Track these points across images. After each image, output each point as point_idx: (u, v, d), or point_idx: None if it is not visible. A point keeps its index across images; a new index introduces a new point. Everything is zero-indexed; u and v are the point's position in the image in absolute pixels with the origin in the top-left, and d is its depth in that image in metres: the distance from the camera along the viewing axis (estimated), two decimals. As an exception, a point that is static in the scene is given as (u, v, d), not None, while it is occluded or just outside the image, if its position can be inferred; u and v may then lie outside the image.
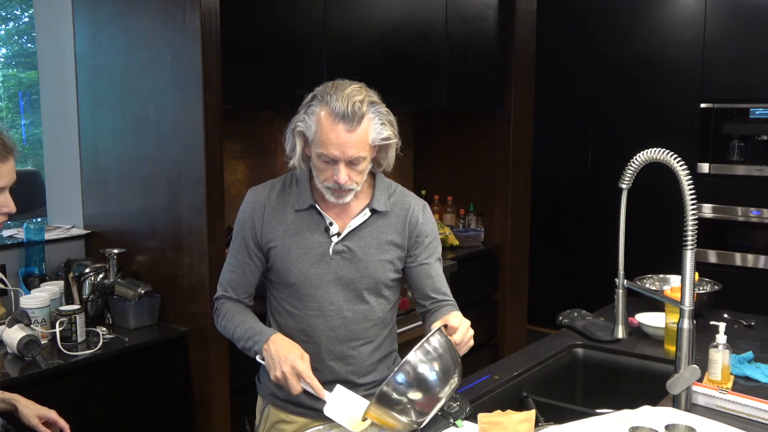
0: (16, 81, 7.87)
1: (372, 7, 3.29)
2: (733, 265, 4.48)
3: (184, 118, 2.59)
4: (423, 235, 1.86)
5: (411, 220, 1.85)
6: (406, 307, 3.26)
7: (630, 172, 1.84)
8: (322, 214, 1.79)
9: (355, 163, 1.69)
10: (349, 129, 1.66)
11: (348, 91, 1.68)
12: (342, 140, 1.66)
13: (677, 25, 4.63)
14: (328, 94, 1.68)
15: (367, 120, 1.69)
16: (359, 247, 1.79)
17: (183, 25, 2.54)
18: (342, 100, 1.66)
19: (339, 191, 1.72)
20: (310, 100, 1.72)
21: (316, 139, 1.68)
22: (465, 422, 1.69)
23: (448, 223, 4.11)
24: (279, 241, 1.79)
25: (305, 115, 1.71)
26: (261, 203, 1.82)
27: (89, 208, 3.01)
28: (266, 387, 1.90)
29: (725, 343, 1.94)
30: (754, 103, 4.33)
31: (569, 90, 5.11)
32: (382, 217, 1.83)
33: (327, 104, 1.67)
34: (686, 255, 1.75)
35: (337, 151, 1.66)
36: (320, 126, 1.67)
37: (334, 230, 1.79)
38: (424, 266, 1.86)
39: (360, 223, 1.80)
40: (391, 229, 1.83)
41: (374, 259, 1.80)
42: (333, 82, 1.73)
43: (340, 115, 1.65)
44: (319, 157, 1.69)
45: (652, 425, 1.64)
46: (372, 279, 1.80)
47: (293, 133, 1.74)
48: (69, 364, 2.29)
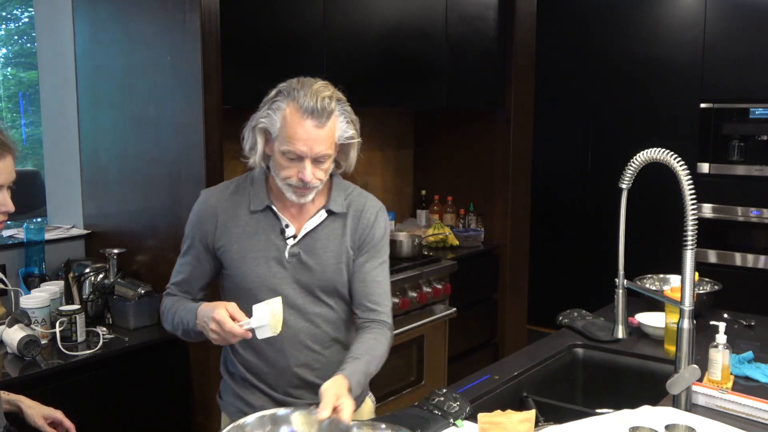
0: (16, 81, 7.86)
1: (372, 7, 3.29)
2: (733, 265, 4.48)
3: (184, 118, 2.59)
4: (371, 237, 1.79)
5: (363, 221, 1.79)
6: (406, 307, 3.26)
7: (630, 172, 1.84)
8: (278, 216, 1.74)
9: (320, 161, 1.66)
10: (318, 125, 1.63)
11: (316, 87, 1.64)
12: (310, 136, 1.62)
13: (677, 25, 4.63)
14: (295, 89, 1.64)
15: (334, 117, 1.66)
16: (315, 249, 1.74)
17: (183, 25, 2.54)
18: (311, 96, 1.62)
19: (303, 189, 1.67)
20: (274, 95, 1.67)
21: (282, 135, 1.64)
22: (465, 422, 1.69)
23: (448, 223, 4.11)
24: (234, 245, 1.74)
25: (269, 111, 1.66)
26: (213, 205, 1.77)
27: (89, 208, 3.01)
28: (232, 405, 1.84)
29: (725, 343, 1.94)
30: (754, 103, 4.33)
31: (569, 90, 5.11)
32: (338, 219, 1.78)
33: (294, 100, 1.62)
34: (686, 255, 1.75)
35: (304, 147, 1.62)
36: (286, 122, 1.63)
37: (290, 232, 1.74)
38: (364, 269, 1.78)
39: (316, 225, 1.75)
40: (346, 230, 1.78)
41: (330, 262, 1.75)
42: (297, 78, 1.68)
43: (309, 110, 1.61)
44: (284, 154, 1.64)
45: (652, 425, 1.64)
46: (329, 282, 1.75)
47: (254, 130, 1.69)
48: (69, 364, 2.29)
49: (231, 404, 1.84)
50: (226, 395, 1.87)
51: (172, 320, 1.78)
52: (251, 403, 1.79)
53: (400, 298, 3.24)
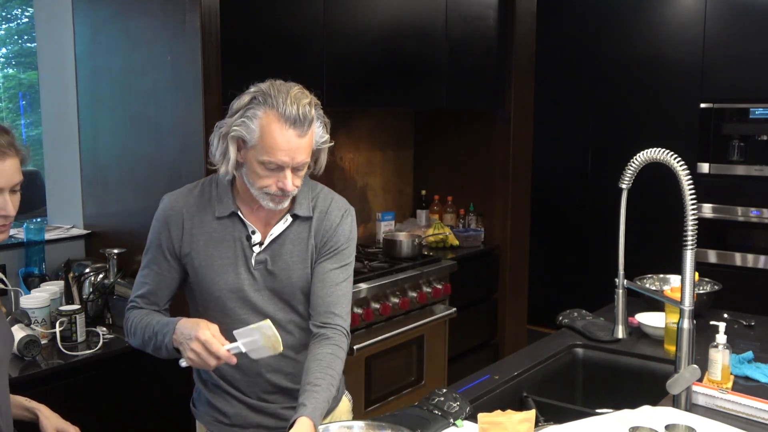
0: (16, 81, 7.86)
1: (372, 7, 3.29)
2: (733, 265, 4.48)
3: (184, 118, 2.59)
4: (335, 239, 1.72)
5: (327, 223, 1.72)
6: (406, 307, 3.26)
7: (630, 172, 1.84)
8: (245, 222, 1.69)
9: (299, 168, 1.60)
10: (300, 134, 1.56)
11: (294, 93, 1.58)
12: (292, 146, 1.56)
13: (677, 25, 4.63)
14: (272, 96, 1.56)
15: (314, 124, 1.61)
16: (281, 255, 1.69)
17: (183, 25, 2.54)
18: (291, 104, 1.55)
19: (281, 197, 1.62)
20: (248, 102, 1.58)
21: (261, 145, 1.55)
22: (465, 422, 1.69)
23: (448, 223, 4.11)
24: (201, 252, 1.68)
25: (244, 119, 1.57)
26: (179, 210, 1.69)
27: (89, 208, 3.01)
28: (207, 414, 1.81)
29: (725, 343, 1.94)
30: (754, 103, 4.33)
31: (569, 90, 5.11)
32: (304, 222, 1.72)
33: (273, 108, 1.55)
34: (686, 255, 1.75)
35: (286, 157, 1.56)
36: (266, 131, 1.55)
37: (256, 239, 1.69)
38: (323, 270, 1.70)
39: (282, 231, 1.70)
40: (312, 233, 1.72)
41: (296, 267, 1.70)
42: (269, 82, 1.61)
43: (291, 119, 1.55)
44: (263, 164, 1.57)
45: (652, 425, 1.64)
46: (296, 287, 1.71)
47: (226, 138, 1.59)
48: (69, 364, 2.29)
49: (206, 413, 1.82)
50: (201, 404, 1.84)
51: (142, 334, 1.69)
52: (225, 412, 1.77)
53: (400, 298, 3.24)
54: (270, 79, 1.63)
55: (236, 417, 1.77)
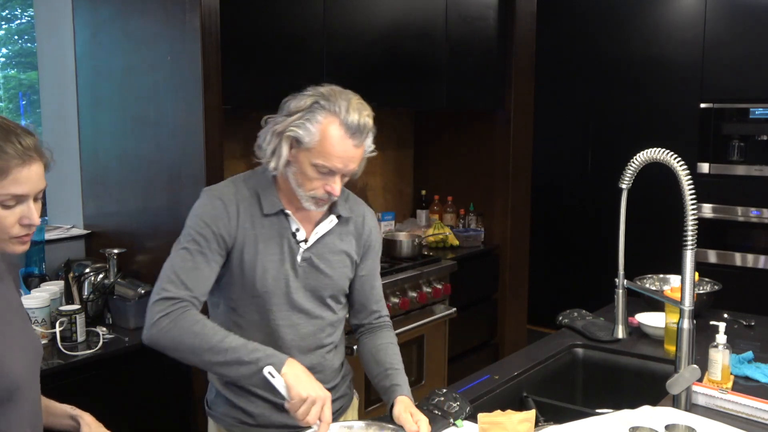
0: (16, 81, 7.85)
1: (372, 7, 3.29)
2: (733, 265, 4.48)
3: (184, 118, 2.59)
4: (373, 244, 1.83)
5: (365, 228, 1.81)
6: (406, 307, 3.26)
7: (630, 172, 1.84)
8: (290, 220, 1.71)
9: (347, 175, 1.66)
10: (357, 144, 1.62)
11: (356, 103, 1.62)
12: (349, 154, 1.61)
13: (677, 25, 4.63)
14: (335, 104, 1.59)
15: (370, 135, 1.65)
16: (324, 254, 1.74)
17: (183, 25, 2.54)
18: (353, 113, 1.59)
19: (325, 201, 1.67)
20: (310, 105, 1.60)
21: (318, 148, 1.59)
22: (465, 422, 1.69)
23: (448, 223, 4.11)
24: (252, 247, 1.67)
25: (304, 122, 1.59)
26: (233, 202, 1.68)
27: (89, 208, 3.01)
28: (228, 415, 1.79)
29: (725, 343, 1.94)
30: (754, 103, 4.33)
31: (569, 90, 5.11)
32: (345, 223, 1.78)
33: (336, 115, 1.59)
34: (686, 255, 1.75)
35: (341, 164, 1.61)
36: (326, 138, 1.59)
37: (301, 236, 1.72)
38: (368, 274, 1.83)
39: (327, 230, 1.75)
40: (349, 236, 1.78)
41: (339, 266, 1.75)
42: (330, 88, 1.64)
43: (352, 129, 1.59)
44: (315, 167, 1.61)
45: (652, 425, 1.64)
46: (336, 286, 1.76)
47: (281, 136, 1.62)
48: (69, 364, 2.29)
49: (226, 415, 1.80)
50: (219, 406, 1.82)
51: (221, 337, 1.55)
52: (250, 412, 1.76)
53: (400, 298, 3.24)
54: (327, 85, 1.66)
55: (261, 417, 1.75)
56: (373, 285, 1.84)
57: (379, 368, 1.75)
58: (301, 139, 1.60)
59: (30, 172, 1.31)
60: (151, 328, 1.59)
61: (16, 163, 1.28)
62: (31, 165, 1.31)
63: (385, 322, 1.86)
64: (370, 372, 1.78)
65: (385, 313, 1.87)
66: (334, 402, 1.81)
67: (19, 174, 1.29)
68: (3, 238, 1.35)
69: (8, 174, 1.28)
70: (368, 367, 1.79)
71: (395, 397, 1.66)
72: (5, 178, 1.27)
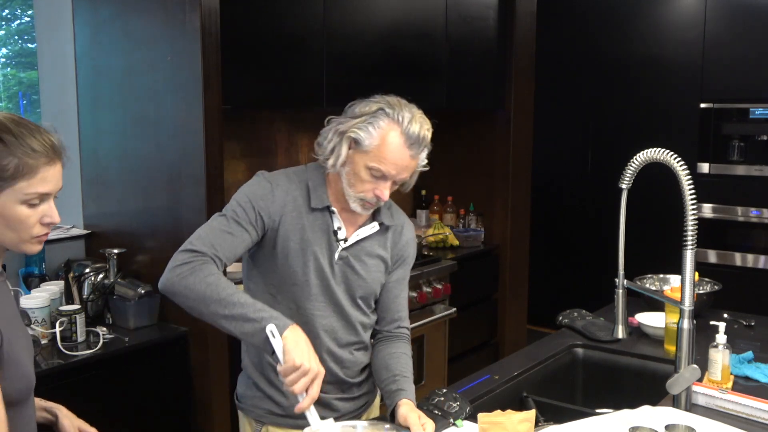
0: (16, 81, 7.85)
1: (372, 7, 3.29)
2: (733, 265, 4.48)
3: (184, 118, 2.59)
4: (406, 255, 1.87)
5: (403, 238, 1.86)
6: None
7: (630, 172, 1.84)
8: (333, 218, 1.76)
9: (396, 183, 1.72)
10: (414, 155, 1.68)
11: (419, 116, 1.69)
12: (404, 163, 1.67)
13: (677, 25, 4.63)
14: (399, 113, 1.66)
15: (426, 149, 1.72)
16: (361, 257, 1.78)
17: (183, 25, 2.54)
18: (414, 124, 1.66)
19: (371, 205, 1.72)
20: (375, 110, 1.68)
21: (375, 152, 1.66)
22: (465, 422, 1.69)
23: (448, 223, 4.11)
24: (297, 235, 1.72)
25: (367, 125, 1.66)
26: (281, 189, 1.73)
27: (89, 208, 3.01)
28: (257, 407, 1.81)
29: (725, 343, 1.94)
30: (754, 103, 4.33)
31: (569, 90, 5.11)
32: (385, 231, 1.83)
33: (398, 123, 1.66)
34: (686, 255, 1.75)
35: (394, 170, 1.67)
36: (385, 143, 1.65)
37: (342, 235, 1.76)
38: (397, 283, 1.87)
39: (367, 234, 1.79)
40: (386, 243, 1.83)
41: (374, 270, 1.80)
42: (397, 99, 1.72)
43: (413, 139, 1.66)
44: (369, 170, 1.67)
45: (652, 425, 1.64)
46: (368, 288, 1.80)
47: (342, 135, 1.69)
48: (69, 364, 2.30)
49: (256, 406, 1.82)
50: (249, 398, 1.83)
51: (232, 291, 1.56)
52: (280, 403, 1.79)
53: (400, 298, 3.23)
54: (394, 95, 1.73)
55: (290, 408, 1.75)
56: (398, 294, 1.87)
57: (388, 374, 1.76)
58: (361, 141, 1.67)
59: (55, 171, 1.33)
60: (168, 273, 1.61)
61: (43, 161, 1.30)
62: (56, 164, 1.33)
63: (404, 333, 1.87)
64: (378, 377, 1.80)
65: (405, 324, 1.88)
66: (360, 398, 1.87)
67: (47, 173, 1.30)
68: (24, 238, 1.34)
69: (37, 173, 1.29)
70: (378, 372, 1.80)
71: (398, 400, 1.67)
72: (34, 176, 1.29)
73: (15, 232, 1.32)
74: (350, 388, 1.83)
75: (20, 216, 1.30)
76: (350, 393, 1.84)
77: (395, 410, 1.66)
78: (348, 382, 1.82)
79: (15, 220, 1.30)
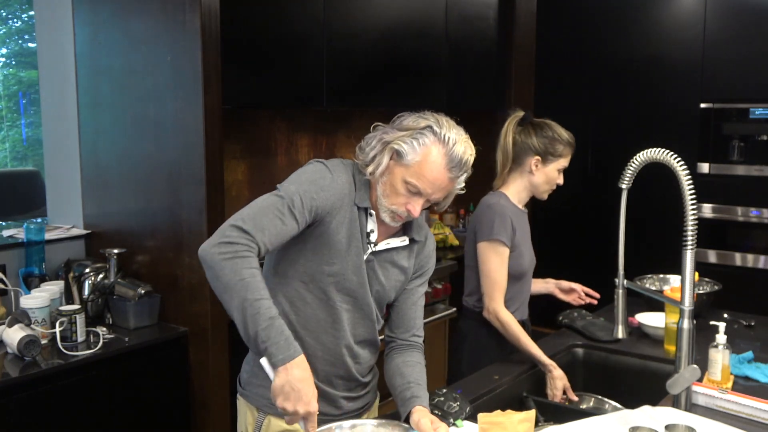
0: (16, 81, 7.86)
1: (372, 7, 3.29)
2: (733, 265, 4.47)
3: (184, 118, 2.59)
4: (427, 267, 1.89)
5: (425, 251, 1.87)
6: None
7: (630, 172, 1.84)
8: (369, 220, 1.76)
9: (430, 201, 1.73)
10: (453, 178, 1.69)
11: (464, 140, 1.69)
12: (441, 183, 1.68)
13: (677, 24, 4.63)
14: (447, 134, 1.67)
15: (465, 174, 1.72)
16: (386, 265, 1.79)
17: (183, 25, 2.54)
18: (459, 147, 1.66)
19: (401, 219, 1.73)
20: (422, 127, 1.67)
21: (415, 168, 1.66)
22: (465, 422, 1.69)
23: (448, 223, 4.11)
24: (342, 227, 1.70)
25: (412, 140, 1.66)
26: (341, 180, 1.71)
27: (89, 208, 3.01)
28: (263, 396, 1.79)
29: (725, 343, 1.94)
30: (754, 103, 4.33)
31: (569, 90, 5.11)
32: (412, 245, 1.84)
33: (444, 144, 1.66)
34: (686, 255, 1.75)
35: (430, 189, 1.67)
36: (427, 160, 1.65)
37: (373, 238, 1.77)
38: (415, 294, 1.87)
39: (396, 246, 1.80)
40: (411, 254, 1.84)
41: (392, 278, 1.81)
42: (446, 118, 1.71)
43: (455, 161, 1.66)
44: (406, 184, 1.67)
45: (652, 425, 1.64)
46: (386, 296, 1.81)
47: (386, 145, 1.69)
48: (69, 364, 2.29)
49: (262, 396, 1.78)
50: (254, 386, 1.81)
51: (266, 305, 1.52)
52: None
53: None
54: (444, 115, 1.72)
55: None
56: (415, 302, 1.87)
57: (402, 380, 1.76)
58: (403, 154, 1.67)
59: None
60: (212, 246, 1.54)
61: None
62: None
63: (418, 342, 1.86)
64: (392, 384, 1.79)
65: (420, 333, 1.88)
66: (363, 397, 1.87)
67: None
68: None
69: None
70: (392, 379, 1.80)
71: (412, 406, 1.67)
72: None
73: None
74: (357, 387, 1.84)
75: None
76: (356, 392, 1.84)
77: (409, 416, 1.66)
78: (357, 380, 1.83)
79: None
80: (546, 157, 2.40)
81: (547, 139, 2.42)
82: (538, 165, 2.41)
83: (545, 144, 2.41)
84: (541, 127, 2.44)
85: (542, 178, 2.43)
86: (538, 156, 2.40)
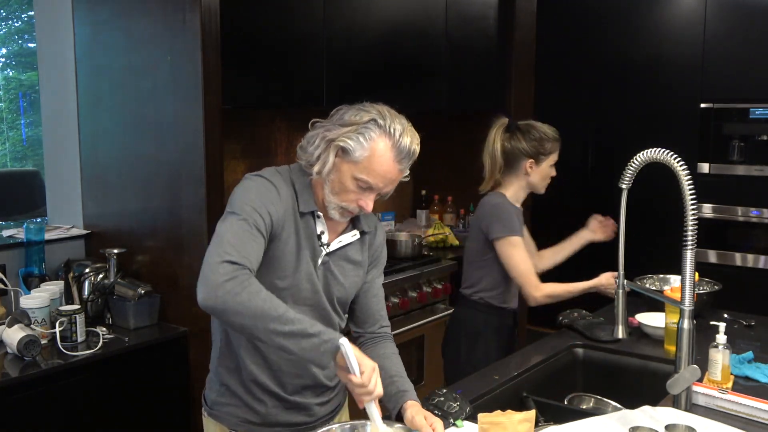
0: (16, 81, 7.86)
1: (372, 7, 3.29)
2: (733, 265, 4.47)
3: (184, 118, 2.59)
4: (380, 257, 1.87)
5: (376, 241, 1.85)
6: (406, 307, 3.26)
7: (630, 172, 1.84)
8: (317, 222, 1.73)
9: (381, 194, 1.70)
10: (402, 168, 1.67)
11: (409, 128, 1.68)
12: (392, 176, 1.66)
13: (677, 24, 4.63)
14: (392, 126, 1.64)
15: (412, 161, 1.71)
16: (341, 263, 1.77)
17: (183, 26, 2.54)
18: (406, 138, 1.65)
19: (350, 214, 1.70)
20: (366, 121, 1.63)
21: (364, 163, 1.62)
22: (465, 422, 1.69)
23: (448, 223, 4.11)
24: (291, 238, 1.68)
25: (357, 135, 1.62)
26: (282, 191, 1.68)
27: (89, 208, 3.01)
28: (232, 415, 1.78)
29: (725, 343, 1.94)
30: (754, 103, 4.33)
31: (569, 90, 5.11)
32: (363, 237, 1.82)
33: (391, 136, 1.63)
34: (686, 255, 1.75)
35: (381, 183, 1.65)
36: (375, 155, 1.62)
37: (325, 240, 1.74)
38: (374, 285, 1.86)
39: (348, 242, 1.77)
40: (363, 247, 1.82)
41: (350, 275, 1.78)
42: (387, 108, 1.68)
43: (403, 153, 1.65)
44: (356, 180, 1.64)
45: (652, 425, 1.64)
46: (346, 293, 1.79)
47: (330, 143, 1.64)
48: (69, 364, 2.30)
49: (231, 415, 1.79)
50: (223, 406, 1.82)
51: (286, 309, 1.51)
52: (257, 410, 1.77)
53: (400, 298, 3.23)
54: (383, 104, 1.69)
55: (268, 416, 1.76)
56: (376, 294, 1.86)
57: (385, 374, 1.72)
58: (350, 151, 1.63)
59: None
60: (217, 290, 1.49)
61: None
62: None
63: (387, 333, 1.86)
64: None
65: (386, 323, 1.87)
66: (333, 400, 1.86)
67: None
68: None
69: None
70: None
71: (403, 402, 1.66)
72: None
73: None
74: (325, 392, 1.83)
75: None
76: (326, 396, 1.84)
77: (401, 412, 1.65)
78: (325, 385, 1.81)
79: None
80: (538, 158, 2.60)
81: (536, 141, 2.59)
82: (532, 167, 2.60)
83: (535, 146, 2.59)
84: (528, 130, 2.60)
85: (538, 177, 2.65)
86: (531, 159, 2.59)
